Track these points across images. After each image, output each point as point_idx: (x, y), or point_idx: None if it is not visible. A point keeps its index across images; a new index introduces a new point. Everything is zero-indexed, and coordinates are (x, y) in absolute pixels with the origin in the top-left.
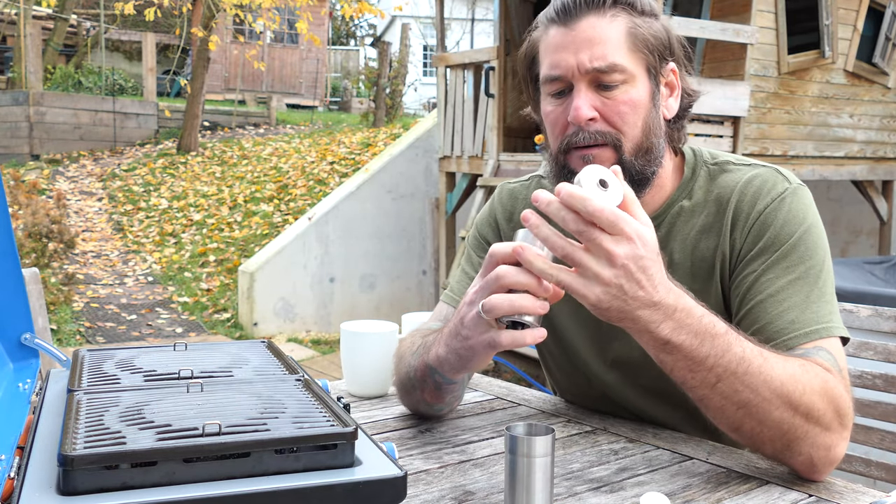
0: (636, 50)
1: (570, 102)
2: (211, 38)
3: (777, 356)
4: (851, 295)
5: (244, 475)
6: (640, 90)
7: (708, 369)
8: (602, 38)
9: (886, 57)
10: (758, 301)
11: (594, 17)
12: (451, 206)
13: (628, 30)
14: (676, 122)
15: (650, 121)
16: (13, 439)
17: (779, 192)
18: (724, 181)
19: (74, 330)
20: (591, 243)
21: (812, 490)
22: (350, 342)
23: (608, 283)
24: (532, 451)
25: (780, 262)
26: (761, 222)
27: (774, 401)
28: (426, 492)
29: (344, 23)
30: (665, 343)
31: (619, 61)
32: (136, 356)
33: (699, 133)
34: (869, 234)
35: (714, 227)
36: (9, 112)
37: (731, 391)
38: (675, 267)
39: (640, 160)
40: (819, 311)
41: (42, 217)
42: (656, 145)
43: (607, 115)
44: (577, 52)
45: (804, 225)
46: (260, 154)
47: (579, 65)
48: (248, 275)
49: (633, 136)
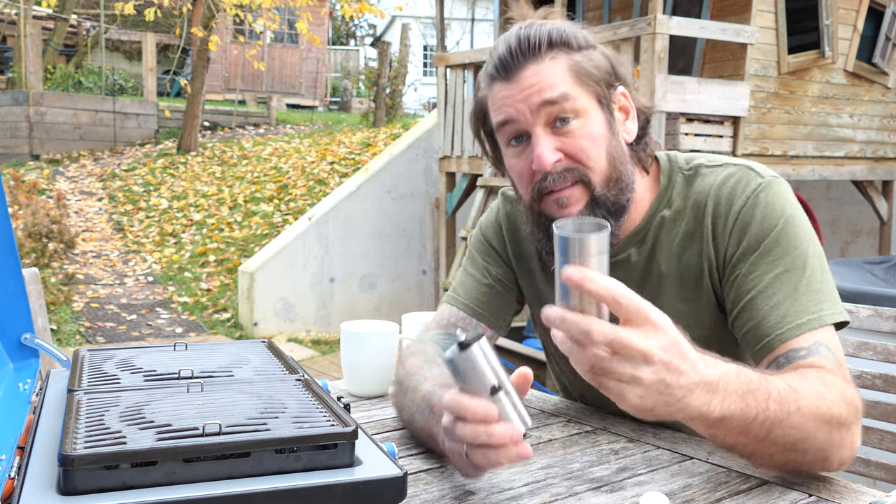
0: (582, 84)
1: (530, 150)
2: (211, 38)
3: (800, 379)
4: (851, 295)
5: (244, 475)
6: (595, 122)
7: (759, 425)
8: (546, 79)
9: (886, 57)
10: (748, 300)
11: (533, 65)
12: (451, 206)
13: (569, 67)
14: (639, 142)
15: (613, 150)
16: (13, 439)
17: (752, 189)
18: (700, 186)
19: (74, 330)
20: (623, 348)
21: (812, 490)
22: (350, 342)
23: (648, 383)
24: (586, 251)
25: (764, 257)
26: (741, 222)
27: (816, 429)
28: (426, 492)
29: (344, 23)
30: (719, 420)
31: (568, 92)
32: (136, 356)
33: (699, 133)
34: (869, 234)
35: (696, 233)
36: (9, 112)
37: (780, 436)
38: (664, 278)
39: (611, 191)
40: (809, 302)
41: (42, 217)
42: (625, 172)
43: (570, 152)
44: (525, 98)
45: (783, 217)
46: (260, 154)
47: (530, 106)
48: (248, 275)
49: (599, 168)
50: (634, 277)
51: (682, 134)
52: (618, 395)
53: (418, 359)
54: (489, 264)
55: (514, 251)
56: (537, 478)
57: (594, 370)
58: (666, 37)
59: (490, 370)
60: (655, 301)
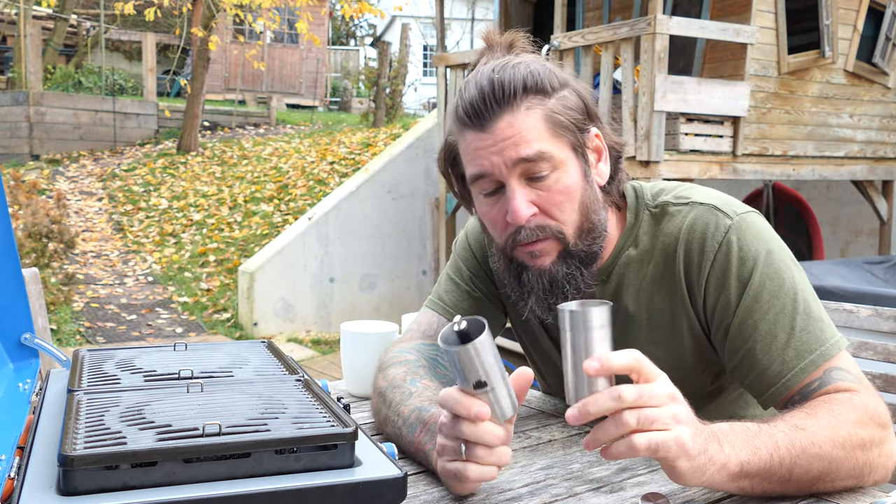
0: (557, 134)
1: (504, 202)
2: (211, 38)
3: (806, 417)
4: (851, 295)
5: (244, 475)
6: (570, 174)
7: (778, 466)
8: (522, 133)
9: (886, 57)
10: (747, 351)
11: (508, 116)
12: (451, 206)
13: (545, 117)
14: (611, 181)
15: (587, 201)
16: (13, 439)
17: (722, 233)
18: (667, 228)
19: (74, 330)
20: (651, 397)
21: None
22: (350, 342)
23: (688, 419)
24: (589, 323)
25: (753, 305)
26: (717, 270)
27: (839, 458)
28: (426, 492)
29: (344, 23)
30: (738, 471)
31: (544, 149)
32: (136, 356)
33: (699, 133)
34: (869, 234)
35: (665, 278)
36: (9, 112)
37: (804, 473)
38: (631, 318)
39: (584, 241)
40: (809, 339)
41: (42, 217)
42: (597, 221)
43: (545, 207)
44: (500, 151)
45: (760, 256)
46: (260, 154)
47: (506, 161)
48: (248, 275)
49: (572, 222)
50: None
51: (682, 134)
52: (675, 442)
53: (400, 370)
54: (476, 277)
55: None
56: (537, 478)
57: (641, 424)
58: (666, 37)
59: (481, 366)
60: (622, 342)
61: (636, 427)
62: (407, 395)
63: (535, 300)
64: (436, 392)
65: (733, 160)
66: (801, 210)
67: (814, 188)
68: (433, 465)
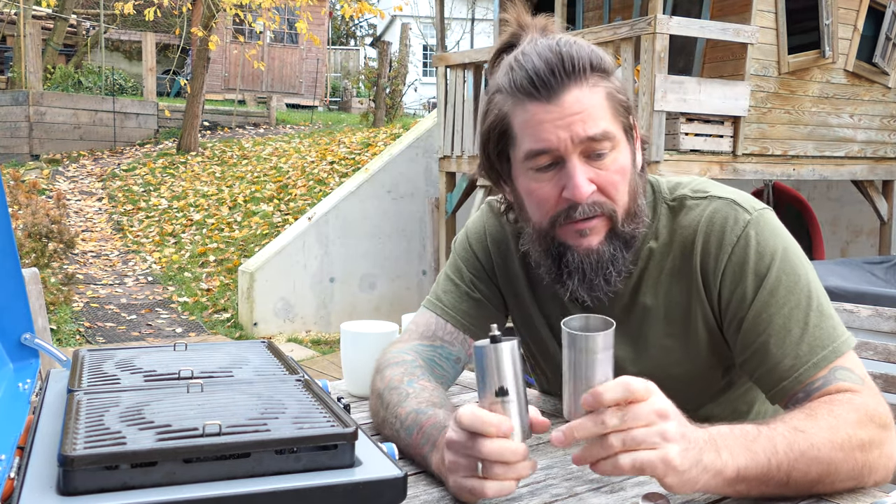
0: (616, 116)
1: (562, 178)
2: (211, 38)
3: (806, 418)
4: (851, 295)
5: (244, 475)
6: (624, 155)
7: (776, 470)
8: (589, 110)
9: (887, 57)
10: (760, 344)
11: (577, 90)
12: (451, 206)
13: (608, 95)
14: (642, 171)
15: (634, 184)
16: (13, 439)
17: (741, 227)
18: (685, 221)
19: (74, 330)
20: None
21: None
22: (350, 342)
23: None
24: (592, 347)
25: (769, 299)
26: (734, 263)
27: (838, 460)
28: (426, 492)
29: (344, 23)
30: (734, 476)
31: (609, 128)
32: (136, 356)
33: (699, 133)
34: (869, 234)
35: (683, 271)
36: (9, 112)
37: (802, 477)
38: (648, 311)
39: (629, 225)
40: (822, 335)
41: (42, 217)
42: (641, 206)
43: (602, 185)
44: (569, 125)
45: (777, 252)
46: (260, 154)
47: (573, 136)
48: (248, 275)
49: (623, 203)
50: (617, 309)
51: (683, 134)
52: (661, 460)
53: (398, 370)
54: (476, 279)
55: (501, 272)
56: (537, 478)
57: (627, 445)
58: (666, 37)
59: (509, 370)
60: (639, 334)
61: (622, 448)
62: (404, 396)
63: (577, 280)
64: (433, 393)
65: (733, 160)
66: (801, 210)
67: (814, 188)
68: (431, 468)
